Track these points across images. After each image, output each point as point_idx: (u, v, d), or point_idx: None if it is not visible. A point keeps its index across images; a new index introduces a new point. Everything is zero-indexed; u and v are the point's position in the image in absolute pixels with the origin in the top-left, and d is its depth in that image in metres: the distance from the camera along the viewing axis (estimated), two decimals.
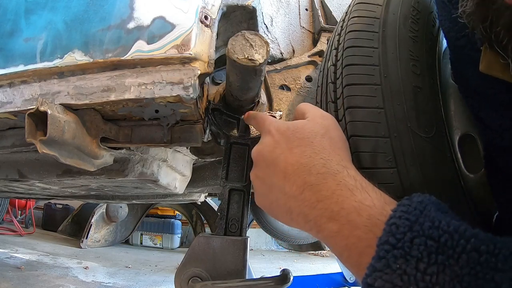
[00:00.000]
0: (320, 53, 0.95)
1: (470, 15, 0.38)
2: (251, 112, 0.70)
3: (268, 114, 0.77)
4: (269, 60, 0.93)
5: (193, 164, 1.15)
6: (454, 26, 0.50)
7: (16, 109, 0.71)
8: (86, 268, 2.67)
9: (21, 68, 0.71)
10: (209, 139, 0.80)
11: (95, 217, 3.58)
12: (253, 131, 0.76)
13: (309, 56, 0.94)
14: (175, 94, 0.63)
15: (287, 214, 0.49)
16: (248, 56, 0.58)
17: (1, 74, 0.72)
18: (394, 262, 0.34)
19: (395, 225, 0.36)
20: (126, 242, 4.29)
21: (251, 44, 0.59)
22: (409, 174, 0.50)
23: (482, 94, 0.49)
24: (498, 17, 0.35)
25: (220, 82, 0.86)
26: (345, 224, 0.40)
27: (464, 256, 0.32)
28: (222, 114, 0.76)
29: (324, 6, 1.05)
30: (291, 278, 0.57)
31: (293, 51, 0.98)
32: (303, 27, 1.03)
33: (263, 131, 0.57)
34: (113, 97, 0.65)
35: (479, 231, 0.35)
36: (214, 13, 0.69)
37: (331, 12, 1.03)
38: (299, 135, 0.51)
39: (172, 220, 4.46)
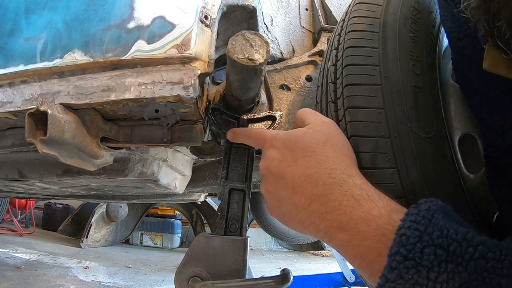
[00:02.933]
0: (320, 53, 0.95)
1: (474, 9, 0.38)
2: (238, 130, 0.68)
3: (268, 113, 0.77)
4: (269, 60, 0.93)
5: (193, 164, 1.15)
6: (457, 26, 0.50)
7: (16, 109, 0.71)
8: (86, 267, 2.67)
9: (21, 67, 0.71)
10: (209, 139, 0.80)
11: (95, 216, 3.59)
12: None
13: (309, 56, 0.94)
14: (175, 94, 0.63)
15: (299, 224, 0.50)
16: (248, 56, 0.58)
17: (1, 74, 0.72)
18: (406, 272, 0.35)
19: (405, 235, 0.37)
20: (126, 241, 4.30)
21: (251, 44, 0.59)
22: (409, 174, 0.50)
23: (483, 95, 0.49)
24: (500, 9, 0.35)
25: (220, 82, 0.86)
26: (354, 234, 0.42)
27: (472, 263, 0.34)
28: (222, 114, 0.76)
29: (324, 6, 1.05)
30: (291, 278, 0.57)
31: (293, 51, 0.98)
32: (303, 27, 1.03)
33: (266, 146, 0.56)
34: (113, 97, 0.65)
35: (485, 238, 0.36)
36: (214, 13, 0.69)
37: (331, 12, 1.03)
38: (301, 145, 0.51)
39: (172, 220, 4.47)
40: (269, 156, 0.54)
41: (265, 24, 0.90)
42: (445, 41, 0.65)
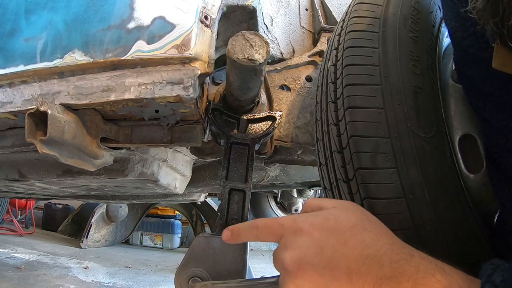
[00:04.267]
0: (320, 53, 0.95)
1: (480, 11, 0.38)
2: (238, 227, 0.52)
3: (268, 113, 0.77)
4: (269, 60, 0.93)
5: (193, 164, 1.15)
6: (461, 25, 0.49)
7: (16, 109, 0.71)
8: (86, 268, 2.67)
9: (21, 68, 0.71)
10: (209, 139, 0.80)
11: (95, 217, 3.58)
12: (254, 130, 0.76)
13: (309, 56, 0.94)
14: (175, 94, 0.63)
15: None
16: (248, 56, 0.58)
17: (1, 74, 0.72)
18: None
19: None
20: (126, 242, 4.29)
21: (251, 44, 0.59)
22: (409, 174, 0.50)
23: (487, 95, 0.49)
24: (510, 11, 0.35)
25: (220, 82, 0.86)
26: None
27: None
28: (222, 114, 0.76)
29: (324, 6, 1.05)
30: None
31: (293, 51, 0.98)
32: (303, 27, 1.02)
33: (288, 234, 0.45)
34: (113, 97, 0.65)
35: None
36: (214, 13, 0.69)
37: (331, 12, 1.03)
38: (347, 223, 0.43)
39: (172, 220, 4.46)
40: (301, 245, 0.43)
41: (265, 24, 0.89)
42: (445, 41, 0.65)
